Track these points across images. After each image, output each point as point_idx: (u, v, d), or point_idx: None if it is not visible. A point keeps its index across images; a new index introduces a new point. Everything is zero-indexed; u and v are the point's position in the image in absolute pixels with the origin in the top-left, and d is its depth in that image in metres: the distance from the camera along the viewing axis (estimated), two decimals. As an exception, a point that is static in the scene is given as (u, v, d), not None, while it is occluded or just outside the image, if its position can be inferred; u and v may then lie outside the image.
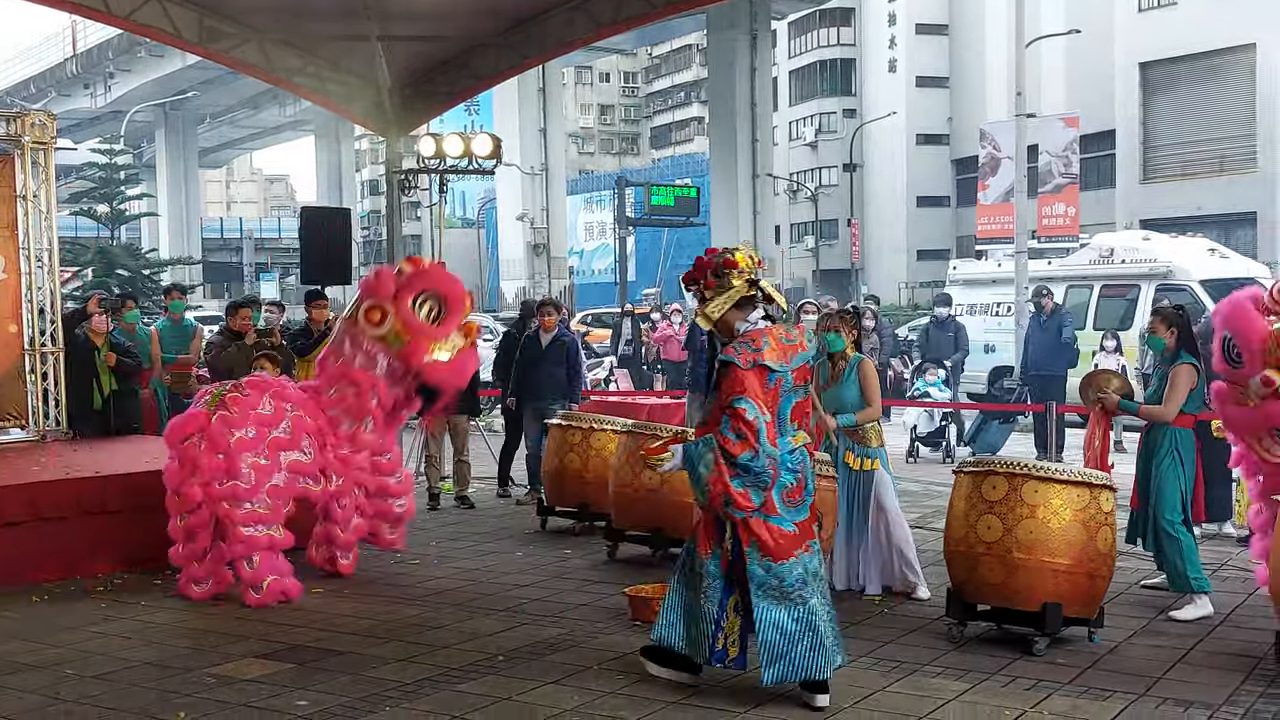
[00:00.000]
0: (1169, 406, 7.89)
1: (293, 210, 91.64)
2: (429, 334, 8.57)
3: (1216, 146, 42.78)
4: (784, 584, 5.97)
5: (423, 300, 8.61)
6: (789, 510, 6.04)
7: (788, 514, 6.03)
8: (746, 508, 5.93)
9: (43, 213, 11.55)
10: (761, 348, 5.98)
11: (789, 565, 5.98)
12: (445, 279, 8.87)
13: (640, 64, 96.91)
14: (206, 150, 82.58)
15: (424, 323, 8.57)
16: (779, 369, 6.01)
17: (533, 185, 54.09)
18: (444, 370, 8.69)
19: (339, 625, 7.62)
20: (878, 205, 62.46)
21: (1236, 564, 9.07)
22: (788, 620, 5.96)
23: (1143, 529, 8.11)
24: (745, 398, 5.91)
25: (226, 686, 6.35)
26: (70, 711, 5.99)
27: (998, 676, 6.44)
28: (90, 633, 7.49)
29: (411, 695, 6.19)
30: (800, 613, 5.98)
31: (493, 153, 14.12)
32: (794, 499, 6.07)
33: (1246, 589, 8.23)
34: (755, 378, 5.95)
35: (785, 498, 6.02)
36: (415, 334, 8.55)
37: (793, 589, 5.98)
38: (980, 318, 22.26)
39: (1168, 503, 7.88)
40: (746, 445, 5.86)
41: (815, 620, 5.99)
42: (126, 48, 59.00)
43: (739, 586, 6.09)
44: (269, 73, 14.95)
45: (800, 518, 6.09)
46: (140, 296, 23.77)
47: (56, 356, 11.65)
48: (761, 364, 5.95)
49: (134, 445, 11.24)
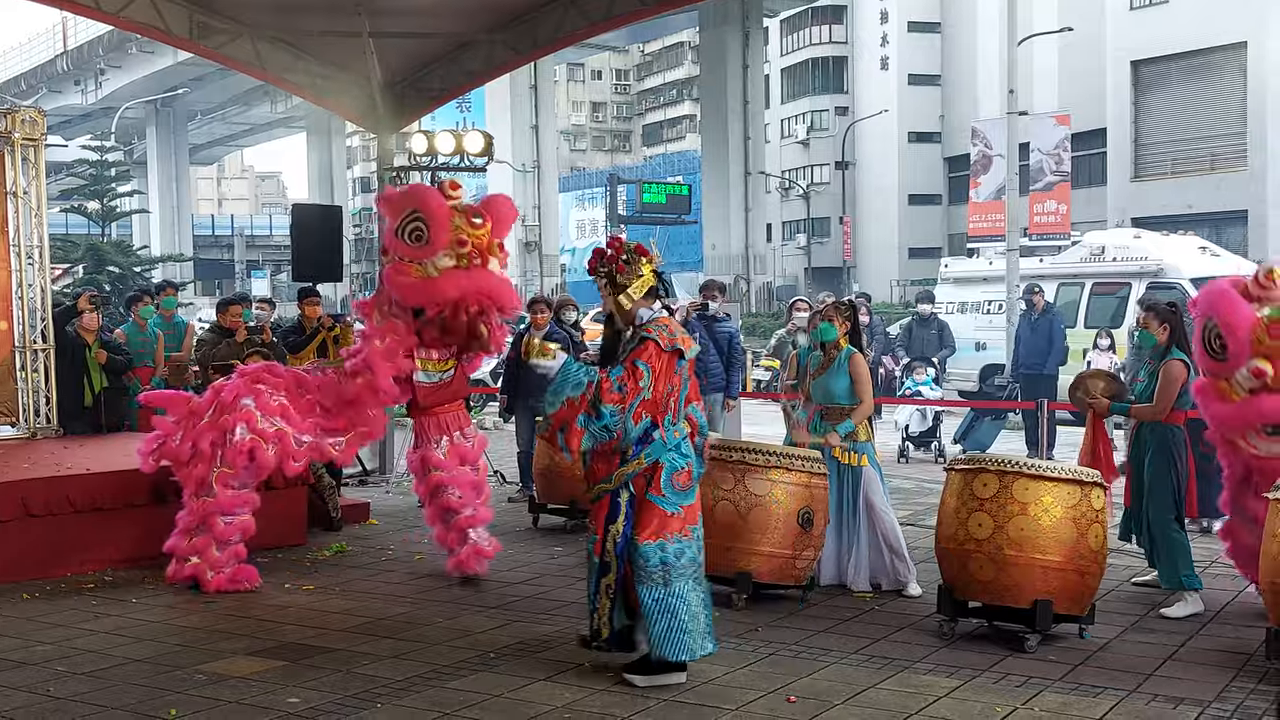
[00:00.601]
0: (1160, 404, 7.90)
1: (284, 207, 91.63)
2: (407, 253, 8.27)
3: (1208, 145, 42.91)
4: (648, 564, 6.17)
5: (409, 219, 8.26)
6: (676, 494, 6.25)
7: (674, 497, 6.24)
8: (573, 450, 6.19)
9: (33, 209, 11.53)
10: (676, 333, 6.27)
11: (651, 547, 6.18)
12: (428, 199, 8.39)
13: (632, 61, 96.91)
14: (198, 147, 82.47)
15: (400, 242, 8.28)
16: (688, 355, 6.29)
17: (525, 182, 54.05)
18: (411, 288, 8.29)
19: (330, 623, 7.62)
20: (869, 203, 62.52)
21: (1226, 561, 9.07)
22: (648, 599, 6.17)
23: (1136, 526, 8.13)
24: (650, 366, 6.15)
25: (218, 684, 6.34)
26: (61, 709, 5.98)
27: (989, 673, 6.45)
28: (81, 630, 7.47)
29: (403, 692, 6.18)
30: (660, 594, 6.16)
31: (484, 150, 14.09)
32: (682, 483, 6.28)
33: (1237, 586, 8.24)
34: (669, 360, 6.21)
35: (673, 481, 6.24)
36: (393, 252, 8.39)
37: (655, 570, 6.17)
38: (972, 315, 22.32)
39: (1159, 500, 7.90)
40: (619, 400, 6.10)
41: (676, 604, 6.16)
42: (117, 44, 58.91)
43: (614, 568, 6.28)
44: (260, 69, 14.90)
45: (687, 501, 6.32)
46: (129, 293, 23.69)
47: (47, 354, 11.63)
48: (677, 348, 6.23)
49: (125, 443, 11.20)
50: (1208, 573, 8.53)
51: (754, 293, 50.20)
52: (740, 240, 50.39)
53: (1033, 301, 16.54)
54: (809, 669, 6.52)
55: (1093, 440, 8.25)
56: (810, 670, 6.49)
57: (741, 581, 7.80)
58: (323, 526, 10.59)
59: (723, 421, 12.75)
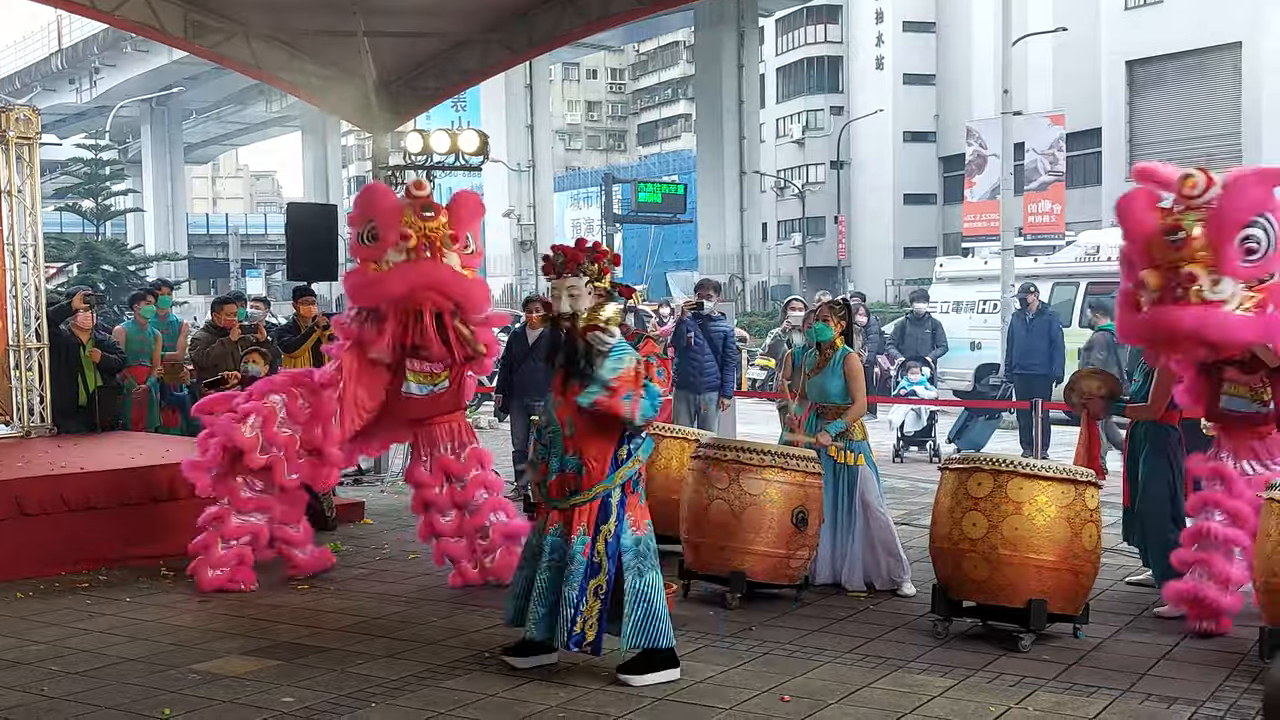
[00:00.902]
0: (1156, 404, 7.89)
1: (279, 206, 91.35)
2: (363, 255, 8.25)
3: (1202, 145, 42.87)
4: (634, 556, 6.30)
5: (367, 223, 8.23)
6: (640, 486, 6.48)
7: (641, 489, 6.48)
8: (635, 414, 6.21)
9: (27, 208, 11.53)
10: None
11: (638, 539, 6.34)
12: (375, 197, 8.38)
13: (627, 61, 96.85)
14: (192, 146, 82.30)
15: (359, 245, 8.26)
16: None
17: (520, 182, 53.97)
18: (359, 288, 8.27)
19: (324, 622, 7.61)
20: (864, 202, 62.47)
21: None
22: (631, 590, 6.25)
23: (1137, 527, 8.12)
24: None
25: (212, 683, 6.34)
26: (55, 708, 5.97)
27: (983, 673, 6.45)
28: (75, 629, 7.47)
29: (397, 692, 6.18)
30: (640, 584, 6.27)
31: (480, 149, 14.08)
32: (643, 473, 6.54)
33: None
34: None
35: (640, 473, 6.44)
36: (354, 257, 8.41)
37: (636, 561, 6.30)
38: (966, 315, 22.34)
39: (1156, 500, 7.88)
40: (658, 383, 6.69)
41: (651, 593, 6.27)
42: (112, 43, 58.76)
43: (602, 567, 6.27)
44: (255, 69, 14.90)
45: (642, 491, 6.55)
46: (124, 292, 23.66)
47: (41, 352, 11.62)
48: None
49: (119, 441, 11.21)
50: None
51: (749, 292, 50.21)
52: (735, 239, 50.38)
53: (1027, 301, 16.54)
54: (803, 668, 6.52)
55: (1088, 440, 8.25)
56: (804, 669, 6.49)
57: (736, 581, 7.79)
58: (317, 526, 10.56)
59: (718, 420, 12.77)
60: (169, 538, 9.19)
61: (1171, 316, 6.62)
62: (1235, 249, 6.56)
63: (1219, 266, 6.54)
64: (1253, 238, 6.59)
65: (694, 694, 6.10)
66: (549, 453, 6.38)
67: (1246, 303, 6.63)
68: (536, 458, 6.53)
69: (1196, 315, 6.57)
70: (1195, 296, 6.56)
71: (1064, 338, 16.45)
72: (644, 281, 47.05)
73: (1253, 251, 6.59)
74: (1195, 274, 6.53)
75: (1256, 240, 6.60)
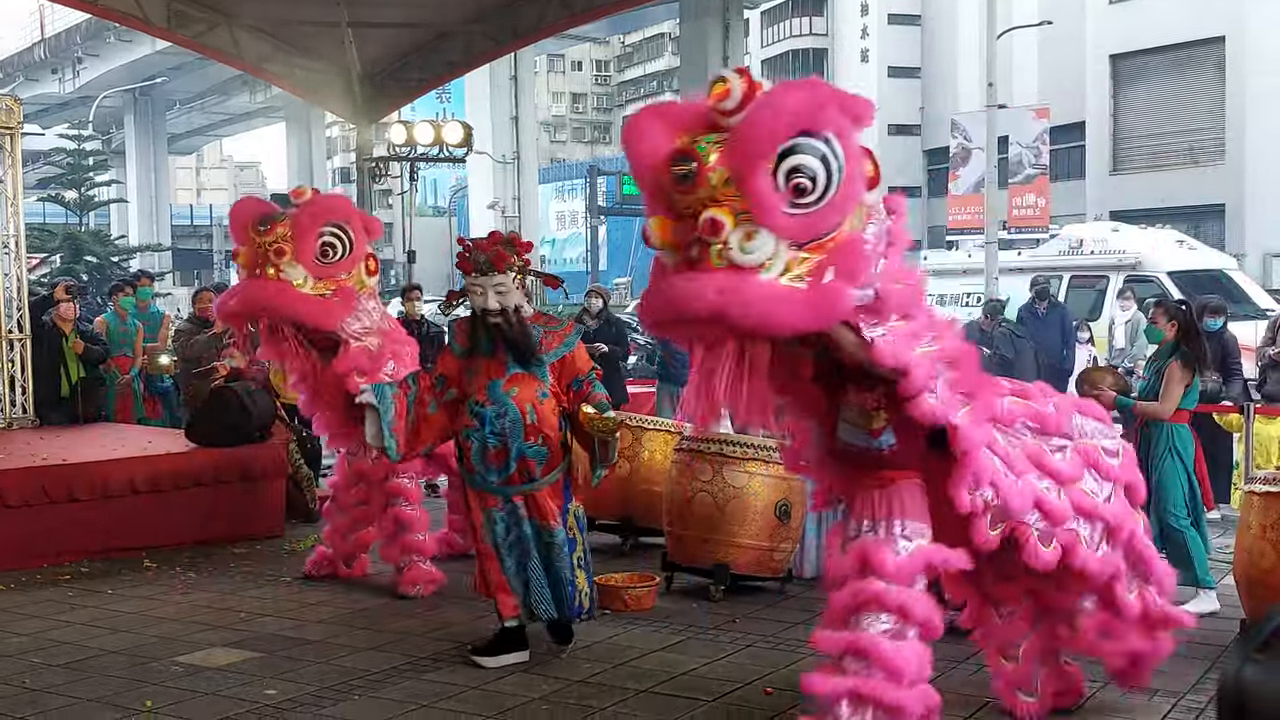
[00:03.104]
0: (1166, 404, 7.81)
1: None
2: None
3: (1186, 138, 43.00)
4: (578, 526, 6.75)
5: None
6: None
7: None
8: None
9: (9, 198, 11.49)
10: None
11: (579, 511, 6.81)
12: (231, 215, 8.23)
13: (612, 52, 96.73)
14: (176, 136, 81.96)
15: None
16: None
17: (504, 173, 53.87)
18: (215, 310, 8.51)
19: (307, 614, 7.60)
20: (850, 195, 62.51)
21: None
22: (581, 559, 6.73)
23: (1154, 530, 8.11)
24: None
25: (194, 675, 6.33)
26: (37, 700, 5.95)
27: (966, 665, 6.45)
28: (57, 621, 7.45)
29: (380, 684, 6.18)
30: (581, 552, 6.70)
31: (464, 141, 14.10)
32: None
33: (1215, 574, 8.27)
34: None
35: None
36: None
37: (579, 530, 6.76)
38: (950, 308, 22.35)
39: (1171, 500, 7.82)
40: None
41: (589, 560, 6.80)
42: (95, 32, 58.46)
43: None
44: (238, 59, 14.90)
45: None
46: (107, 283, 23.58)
47: (24, 343, 11.58)
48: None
49: (102, 433, 11.18)
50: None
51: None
52: (720, 232, 50.33)
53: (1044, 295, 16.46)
54: (786, 660, 6.53)
55: None
56: (788, 662, 6.50)
57: (719, 573, 7.81)
58: (300, 518, 10.56)
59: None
60: (152, 530, 9.19)
61: (682, 289, 4.26)
62: (769, 185, 4.23)
63: (755, 214, 4.22)
64: (803, 169, 4.30)
65: (677, 686, 6.11)
66: (506, 441, 6.39)
67: (796, 267, 4.30)
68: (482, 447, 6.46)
69: (718, 287, 4.19)
70: (718, 258, 4.22)
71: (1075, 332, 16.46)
72: (628, 274, 47.01)
73: (803, 191, 4.29)
74: (719, 222, 4.19)
75: (809, 173, 4.31)
